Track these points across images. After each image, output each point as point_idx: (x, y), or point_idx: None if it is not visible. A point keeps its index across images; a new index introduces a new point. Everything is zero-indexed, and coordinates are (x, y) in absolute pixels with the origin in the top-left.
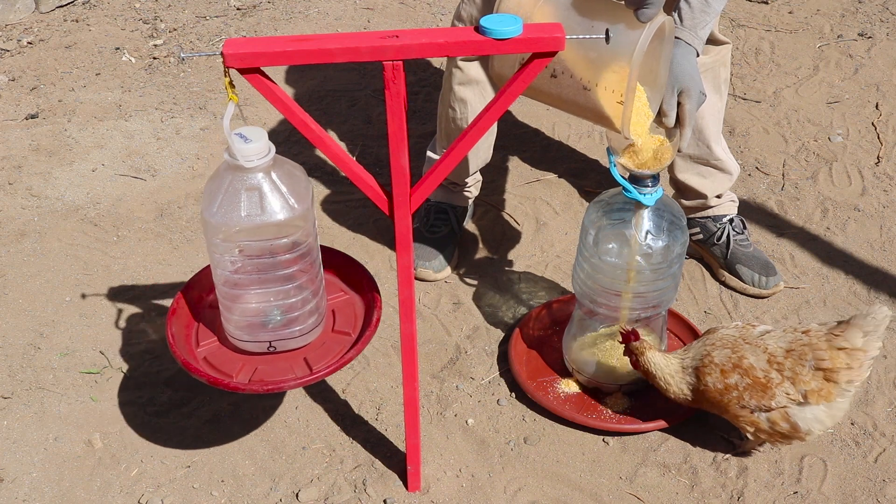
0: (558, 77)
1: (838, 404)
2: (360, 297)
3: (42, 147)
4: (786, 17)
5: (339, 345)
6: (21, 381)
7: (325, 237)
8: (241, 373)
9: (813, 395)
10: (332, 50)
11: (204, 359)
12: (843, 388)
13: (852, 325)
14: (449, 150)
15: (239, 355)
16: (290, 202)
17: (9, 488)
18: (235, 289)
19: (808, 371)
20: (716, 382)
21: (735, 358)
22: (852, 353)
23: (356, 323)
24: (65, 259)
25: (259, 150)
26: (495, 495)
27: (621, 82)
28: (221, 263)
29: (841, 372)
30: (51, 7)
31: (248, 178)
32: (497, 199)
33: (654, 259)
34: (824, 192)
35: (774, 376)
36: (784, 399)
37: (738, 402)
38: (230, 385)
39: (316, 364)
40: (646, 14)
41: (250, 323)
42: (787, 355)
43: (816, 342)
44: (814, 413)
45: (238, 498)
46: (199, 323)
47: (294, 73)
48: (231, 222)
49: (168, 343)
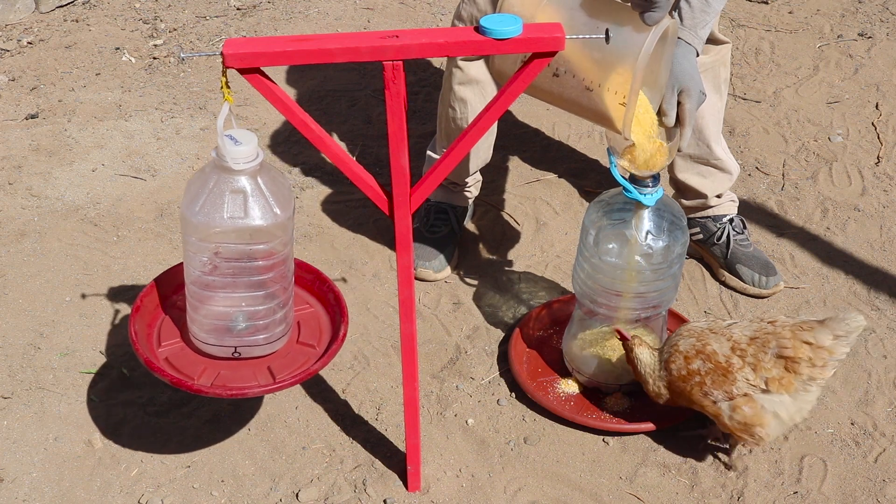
0: (560, 76)
1: (802, 397)
2: (325, 311)
3: (42, 147)
4: (786, 17)
5: (304, 356)
6: (21, 381)
7: (324, 237)
8: (204, 376)
9: (773, 383)
10: (332, 50)
11: (165, 359)
12: (804, 382)
13: (824, 325)
14: (449, 150)
15: (202, 358)
16: (273, 209)
17: (9, 488)
18: (206, 290)
19: (770, 358)
20: (679, 369)
21: (699, 345)
22: (817, 349)
23: (321, 336)
24: (65, 259)
25: (248, 154)
26: (495, 495)
27: (624, 84)
28: (195, 263)
29: (802, 364)
30: (51, 7)
31: (235, 180)
32: (497, 199)
33: (654, 259)
34: (824, 192)
35: (736, 361)
36: (745, 385)
37: (700, 389)
38: (193, 387)
39: (280, 373)
40: (652, 17)
41: (217, 326)
42: (750, 342)
43: (781, 331)
44: (780, 400)
45: (238, 498)
46: (162, 321)
47: (294, 73)
48: (212, 222)
49: (130, 340)
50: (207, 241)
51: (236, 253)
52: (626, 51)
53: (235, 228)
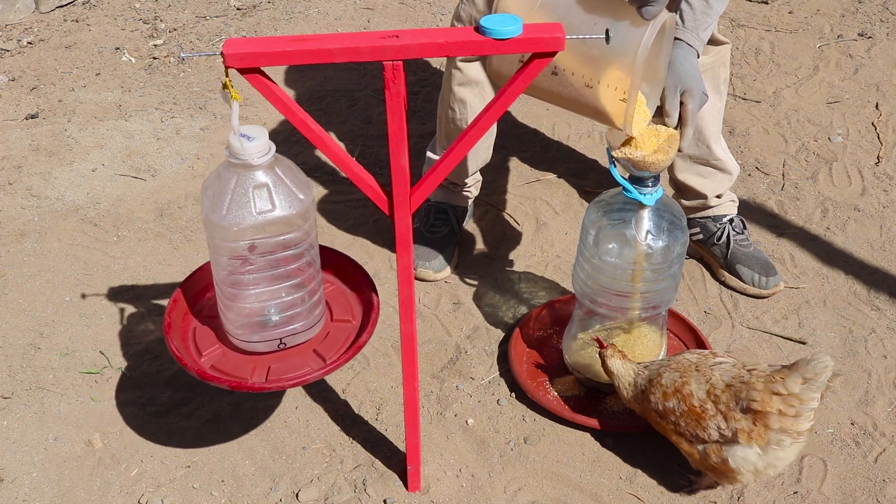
0: (559, 74)
1: (774, 452)
2: (346, 286)
3: (42, 147)
4: (786, 17)
5: (344, 332)
6: (21, 381)
7: (325, 237)
8: (255, 374)
9: (742, 435)
10: (332, 50)
11: (212, 367)
12: (776, 435)
13: (793, 370)
14: (449, 151)
15: (247, 357)
16: (298, 195)
17: (9, 488)
18: (243, 288)
19: (739, 409)
20: (657, 403)
21: (679, 383)
22: (787, 398)
23: (353, 310)
24: (65, 259)
25: (264, 147)
26: (495, 495)
27: (624, 80)
28: (227, 264)
29: (771, 417)
30: (51, 7)
31: (255, 175)
32: (497, 199)
33: (654, 259)
34: (824, 192)
35: (709, 407)
36: (715, 433)
37: (674, 429)
38: (254, 386)
39: (328, 354)
40: (650, 12)
41: (258, 322)
42: (725, 389)
43: (754, 381)
44: (744, 453)
45: (238, 498)
46: (194, 332)
47: (294, 73)
48: (243, 221)
49: (175, 358)
50: (239, 241)
51: (271, 246)
52: (625, 47)
53: (267, 222)
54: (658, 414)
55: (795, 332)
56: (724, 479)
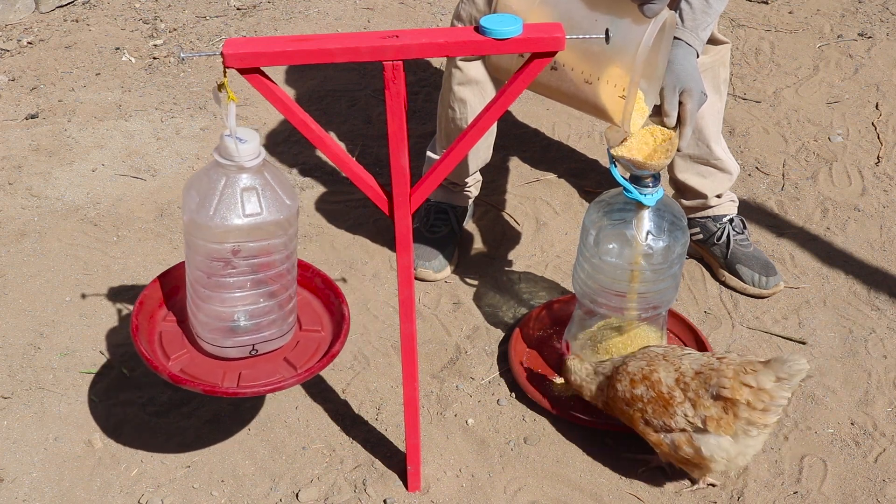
0: (559, 70)
1: (745, 442)
2: (314, 296)
3: (42, 147)
4: (786, 17)
5: (315, 342)
6: (21, 381)
7: (325, 237)
8: (226, 378)
9: (711, 423)
10: (332, 50)
11: (181, 370)
12: (743, 426)
13: (767, 367)
14: (449, 150)
15: (216, 362)
16: (285, 200)
17: (9, 488)
18: (221, 291)
19: (709, 396)
20: (624, 391)
21: (647, 370)
22: (758, 393)
23: (321, 320)
24: (65, 259)
25: (255, 150)
26: (495, 495)
27: (624, 77)
28: (211, 267)
29: (741, 406)
30: (51, 7)
31: (245, 178)
32: (497, 199)
33: (654, 259)
34: (824, 192)
35: (678, 394)
36: (683, 421)
37: (642, 416)
38: (228, 391)
39: (298, 362)
40: (652, 9)
41: (230, 327)
42: (695, 376)
43: (724, 369)
44: (718, 441)
45: (238, 498)
46: (160, 336)
47: (294, 73)
48: (230, 223)
49: (145, 360)
50: (223, 243)
51: (255, 250)
52: (626, 44)
53: (254, 225)
54: (625, 402)
55: (795, 332)
56: (695, 470)
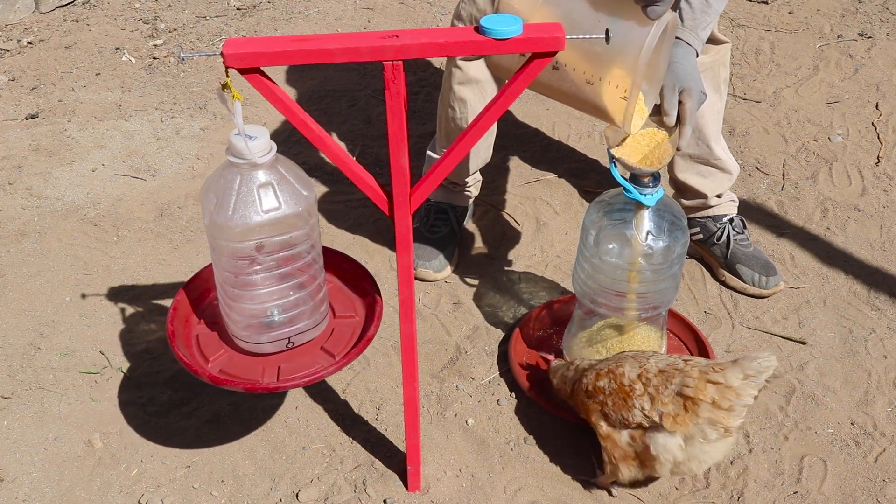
0: (561, 70)
1: (699, 445)
2: (344, 283)
3: (42, 147)
4: (786, 17)
5: (350, 328)
6: (21, 381)
7: (325, 237)
8: (266, 374)
9: (667, 419)
10: (332, 50)
11: (220, 371)
12: (701, 426)
13: (735, 364)
14: (449, 150)
15: (254, 358)
16: (302, 192)
17: (9, 488)
18: (250, 289)
19: (669, 392)
20: (588, 384)
21: (614, 365)
22: (724, 390)
23: (354, 305)
24: (65, 259)
25: (266, 146)
26: (495, 495)
27: (625, 78)
28: (236, 266)
29: (702, 405)
30: (51, 7)
31: (260, 175)
32: (497, 199)
33: (654, 259)
34: (824, 192)
35: (638, 387)
36: (640, 415)
37: (601, 409)
38: (269, 387)
39: (336, 350)
40: (656, 11)
41: (264, 322)
42: (658, 373)
43: (689, 370)
44: (665, 441)
45: (238, 498)
46: (197, 339)
47: (294, 73)
48: (250, 220)
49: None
50: (246, 241)
51: (278, 244)
52: (628, 45)
53: (274, 220)
54: (587, 394)
55: (795, 332)
56: (644, 469)
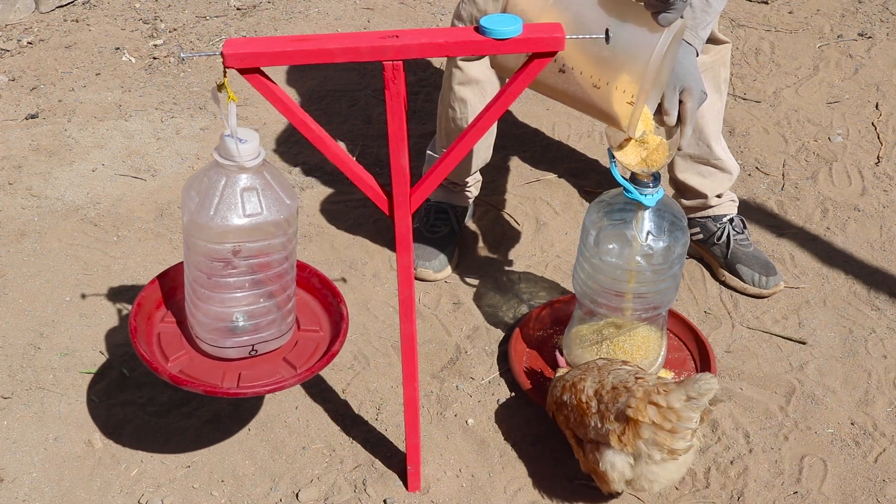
0: (567, 73)
1: (647, 465)
2: (311, 296)
3: (42, 147)
4: (786, 17)
5: (314, 342)
6: (21, 381)
7: (324, 237)
8: (226, 379)
9: (613, 437)
10: (332, 50)
11: (180, 371)
12: (646, 447)
13: (679, 386)
14: (449, 150)
15: (216, 362)
16: (285, 200)
17: (9, 488)
18: (221, 292)
19: (615, 410)
20: (556, 398)
21: (577, 378)
22: (665, 411)
23: (320, 320)
24: (65, 259)
25: (255, 150)
26: (495, 495)
27: (632, 83)
28: (211, 267)
29: (643, 426)
30: (51, 7)
31: (245, 178)
32: (497, 199)
33: (654, 260)
34: (824, 192)
35: (593, 405)
36: (592, 432)
37: (566, 423)
38: (229, 392)
39: (298, 362)
40: (667, 18)
41: (230, 327)
42: (611, 391)
43: (636, 388)
44: (613, 458)
45: (238, 498)
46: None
47: (294, 73)
48: (231, 224)
49: (145, 362)
50: (224, 243)
51: (255, 250)
52: (638, 51)
53: (254, 225)
54: (556, 406)
55: (795, 332)
56: (601, 484)
